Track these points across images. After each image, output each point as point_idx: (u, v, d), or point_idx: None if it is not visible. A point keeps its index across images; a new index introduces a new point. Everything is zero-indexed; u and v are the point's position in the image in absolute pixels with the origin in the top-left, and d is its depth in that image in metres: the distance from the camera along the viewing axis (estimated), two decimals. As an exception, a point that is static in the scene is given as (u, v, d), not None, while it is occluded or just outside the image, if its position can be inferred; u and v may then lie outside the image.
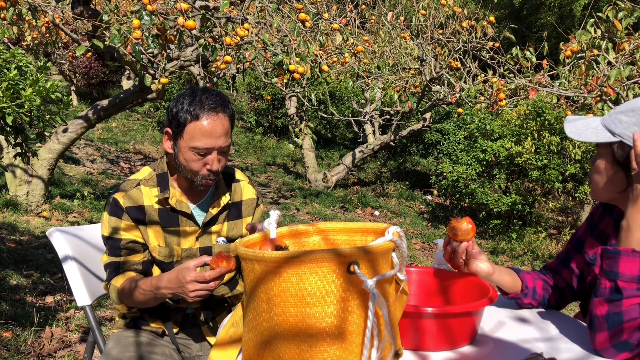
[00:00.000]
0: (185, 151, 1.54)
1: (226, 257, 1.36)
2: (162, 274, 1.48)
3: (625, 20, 4.07)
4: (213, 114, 1.51)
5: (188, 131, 1.52)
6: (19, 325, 2.79)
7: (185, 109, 1.52)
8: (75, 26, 5.99)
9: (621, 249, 1.20)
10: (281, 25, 4.18)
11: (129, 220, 1.58)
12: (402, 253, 1.10)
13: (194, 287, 1.37)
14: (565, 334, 1.31)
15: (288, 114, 8.76)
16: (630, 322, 1.16)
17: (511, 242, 6.33)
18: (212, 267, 1.36)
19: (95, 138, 8.75)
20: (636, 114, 1.24)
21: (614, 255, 1.20)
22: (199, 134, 1.51)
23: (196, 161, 1.54)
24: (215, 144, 1.52)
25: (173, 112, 1.54)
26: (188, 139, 1.52)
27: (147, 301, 1.52)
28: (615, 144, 1.27)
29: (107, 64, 9.65)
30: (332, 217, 6.65)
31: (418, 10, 6.51)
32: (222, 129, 1.53)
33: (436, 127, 9.59)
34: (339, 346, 0.98)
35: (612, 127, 1.28)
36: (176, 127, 1.54)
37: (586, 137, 1.30)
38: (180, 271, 1.40)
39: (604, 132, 1.29)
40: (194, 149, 1.52)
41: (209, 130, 1.51)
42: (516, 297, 1.47)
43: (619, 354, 1.17)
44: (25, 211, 4.84)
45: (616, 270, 1.19)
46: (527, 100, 6.09)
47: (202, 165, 1.55)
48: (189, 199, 1.66)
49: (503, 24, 11.59)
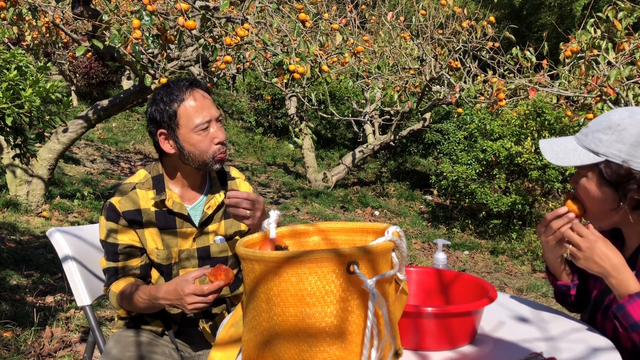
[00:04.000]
0: (190, 136, 1.55)
1: (224, 270, 1.37)
2: (161, 285, 1.49)
3: (625, 20, 4.06)
4: (192, 90, 1.56)
5: (182, 115, 1.54)
6: (19, 325, 2.79)
7: (167, 101, 1.55)
8: (75, 26, 5.99)
9: (623, 302, 1.22)
10: (281, 25, 4.18)
11: (126, 224, 1.58)
12: (402, 253, 1.10)
13: (192, 300, 1.39)
14: (565, 334, 1.31)
15: (288, 114, 8.76)
16: None
17: (511, 242, 6.33)
18: (211, 280, 1.37)
19: (95, 138, 8.75)
20: (615, 131, 1.25)
21: (622, 310, 1.23)
22: (193, 111, 1.54)
23: (203, 139, 1.55)
24: (210, 113, 1.56)
25: (159, 111, 1.56)
26: (186, 123, 1.54)
27: (146, 308, 1.54)
28: (601, 164, 1.27)
29: (107, 64, 9.65)
30: (332, 217, 6.65)
31: (418, 10, 6.51)
32: (207, 99, 1.58)
33: (436, 127, 9.59)
34: (338, 346, 0.98)
35: (593, 148, 1.28)
36: (168, 121, 1.55)
37: (570, 162, 1.29)
38: (179, 283, 1.41)
39: (586, 153, 1.29)
40: (197, 127, 1.54)
41: (199, 104, 1.55)
42: (565, 285, 1.49)
43: None
44: (25, 211, 4.84)
45: (633, 322, 1.21)
46: (527, 100, 6.09)
47: (210, 141, 1.57)
48: (186, 200, 1.65)
49: (503, 24, 11.58)
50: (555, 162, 1.31)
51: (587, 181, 1.30)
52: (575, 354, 1.20)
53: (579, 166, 1.31)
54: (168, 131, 1.57)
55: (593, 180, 1.29)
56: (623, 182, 1.25)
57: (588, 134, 1.30)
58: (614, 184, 1.26)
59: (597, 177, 1.28)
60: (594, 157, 1.27)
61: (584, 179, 1.31)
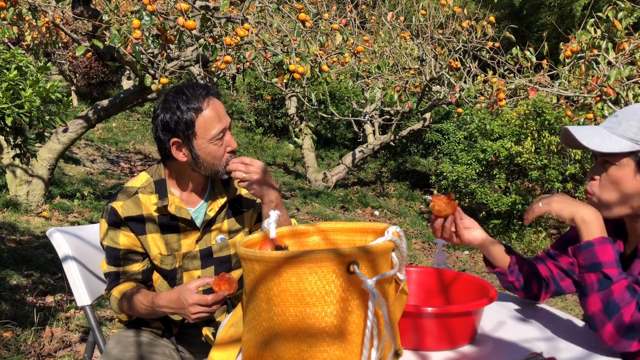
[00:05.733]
0: (206, 146, 1.54)
1: (228, 279, 1.38)
2: (163, 293, 1.48)
3: (625, 20, 4.06)
4: (209, 99, 1.55)
5: (200, 126, 1.53)
6: (19, 325, 2.79)
7: (185, 109, 1.52)
8: (75, 26, 5.99)
9: (593, 240, 1.21)
10: (281, 25, 4.18)
11: (128, 230, 1.57)
12: (401, 253, 1.10)
13: (196, 309, 1.39)
14: (565, 334, 1.31)
15: (288, 114, 8.75)
16: (627, 305, 1.16)
17: (511, 242, 6.33)
18: (214, 289, 1.38)
19: (95, 138, 8.75)
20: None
21: (589, 247, 1.21)
22: (210, 122, 1.53)
23: (218, 149, 1.56)
24: (224, 123, 1.56)
25: (174, 120, 1.52)
26: (203, 133, 1.53)
27: (147, 314, 1.55)
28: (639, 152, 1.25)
29: (107, 64, 9.64)
30: (332, 217, 6.65)
31: (418, 10, 6.50)
32: (222, 108, 1.58)
33: (436, 127, 9.59)
34: (338, 346, 0.98)
35: (632, 136, 1.25)
36: (185, 130, 1.52)
37: (608, 147, 1.26)
38: (182, 293, 1.41)
39: (623, 141, 1.26)
40: (213, 138, 1.54)
41: (215, 114, 1.54)
42: (502, 272, 1.47)
43: (632, 342, 1.16)
44: (25, 211, 4.84)
45: (597, 261, 1.20)
46: (527, 100, 6.09)
47: (223, 150, 1.57)
48: (188, 203, 1.65)
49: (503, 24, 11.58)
50: (592, 147, 1.27)
51: (619, 170, 1.27)
52: (575, 354, 1.20)
53: (611, 154, 1.27)
54: (183, 140, 1.54)
55: (629, 168, 1.27)
56: None
57: (622, 122, 1.28)
58: None
59: (635, 165, 1.26)
60: (633, 145, 1.25)
61: (614, 168, 1.28)
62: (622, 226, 1.39)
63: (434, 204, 1.40)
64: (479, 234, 1.42)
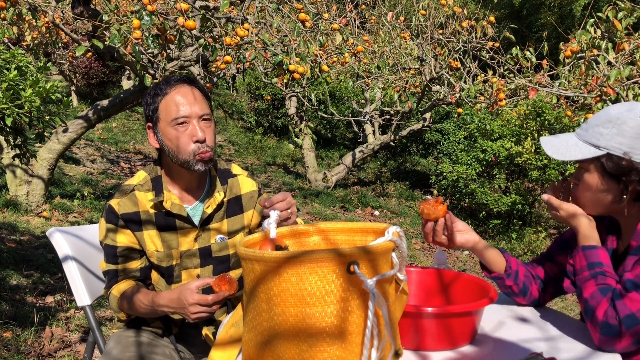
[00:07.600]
0: (167, 130, 1.54)
1: (228, 280, 1.38)
2: (163, 292, 1.48)
3: (625, 20, 4.06)
4: (179, 85, 1.55)
5: (162, 108, 1.54)
6: (19, 325, 2.79)
7: (154, 94, 1.56)
8: (75, 26, 5.99)
9: (596, 244, 1.32)
10: (281, 25, 4.18)
11: (125, 227, 1.58)
12: (402, 253, 1.10)
13: (196, 309, 1.39)
14: (565, 334, 1.31)
15: (288, 114, 8.75)
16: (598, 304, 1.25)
17: (511, 242, 6.33)
18: (215, 290, 1.38)
19: (95, 138, 8.75)
20: (615, 125, 1.29)
21: (592, 249, 1.31)
22: (173, 104, 1.53)
23: (180, 135, 1.52)
24: (190, 110, 1.53)
25: (147, 104, 1.57)
26: (165, 116, 1.54)
27: (147, 314, 1.54)
28: (603, 157, 1.30)
29: (107, 64, 9.64)
30: (332, 217, 6.65)
31: (418, 10, 6.50)
32: (193, 96, 1.54)
33: (436, 127, 9.59)
34: (338, 346, 0.98)
35: (594, 142, 1.31)
36: (152, 114, 1.56)
37: (571, 156, 1.33)
38: (182, 292, 1.41)
39: (587, 148, 1.32)
40: (173, 121, 1.52)
41: (181, 98, 1.53)
42: (499, 276, 1.48)
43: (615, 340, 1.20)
44: (25, 211, 4.84)
45: (598, 261, 1.30)
46: (527, 100, 6.09)
47: (188, 138, 1.53)
48: (185, 201, 1.64)
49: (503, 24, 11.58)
50: (556, 157, 1.35)
51: (589, 175, 1.34)
52: (575, 354, 1.20)
53: (580, 161, 1.34)
54: (153, 125, 1.58)
55: (595, 174, 1.32)
56: (625, 174, 1.28)
57: (588, 129, 1.34)
58: (616, 176, 1.30)
59: (599, 170, 1.32)
60: (595, 151, 1.31)
61: (586, 173, 1.34)
62: (616, 224, 1.41)
63: (422, 208, 1.41)
64: (471, 236, 1.45)
